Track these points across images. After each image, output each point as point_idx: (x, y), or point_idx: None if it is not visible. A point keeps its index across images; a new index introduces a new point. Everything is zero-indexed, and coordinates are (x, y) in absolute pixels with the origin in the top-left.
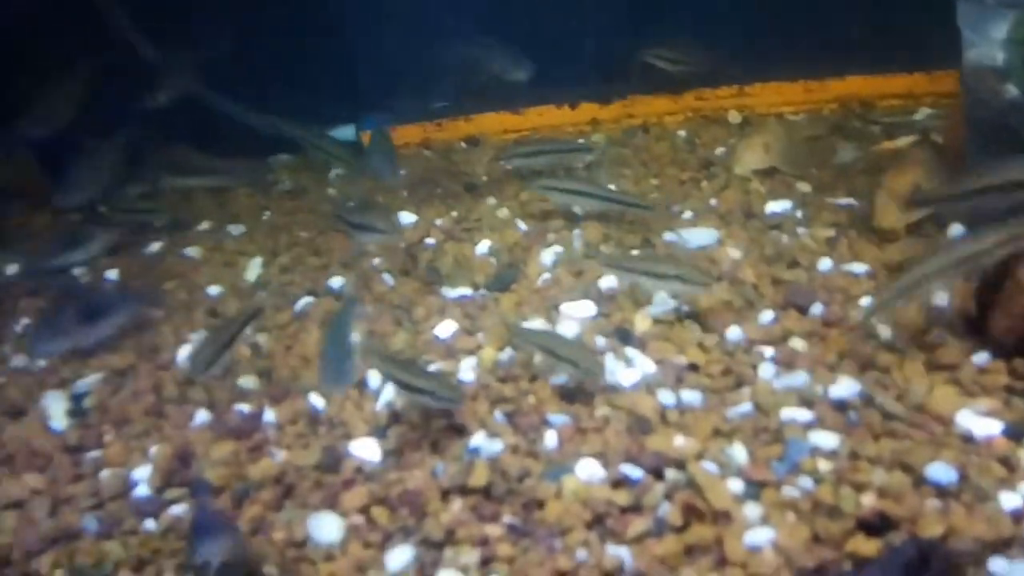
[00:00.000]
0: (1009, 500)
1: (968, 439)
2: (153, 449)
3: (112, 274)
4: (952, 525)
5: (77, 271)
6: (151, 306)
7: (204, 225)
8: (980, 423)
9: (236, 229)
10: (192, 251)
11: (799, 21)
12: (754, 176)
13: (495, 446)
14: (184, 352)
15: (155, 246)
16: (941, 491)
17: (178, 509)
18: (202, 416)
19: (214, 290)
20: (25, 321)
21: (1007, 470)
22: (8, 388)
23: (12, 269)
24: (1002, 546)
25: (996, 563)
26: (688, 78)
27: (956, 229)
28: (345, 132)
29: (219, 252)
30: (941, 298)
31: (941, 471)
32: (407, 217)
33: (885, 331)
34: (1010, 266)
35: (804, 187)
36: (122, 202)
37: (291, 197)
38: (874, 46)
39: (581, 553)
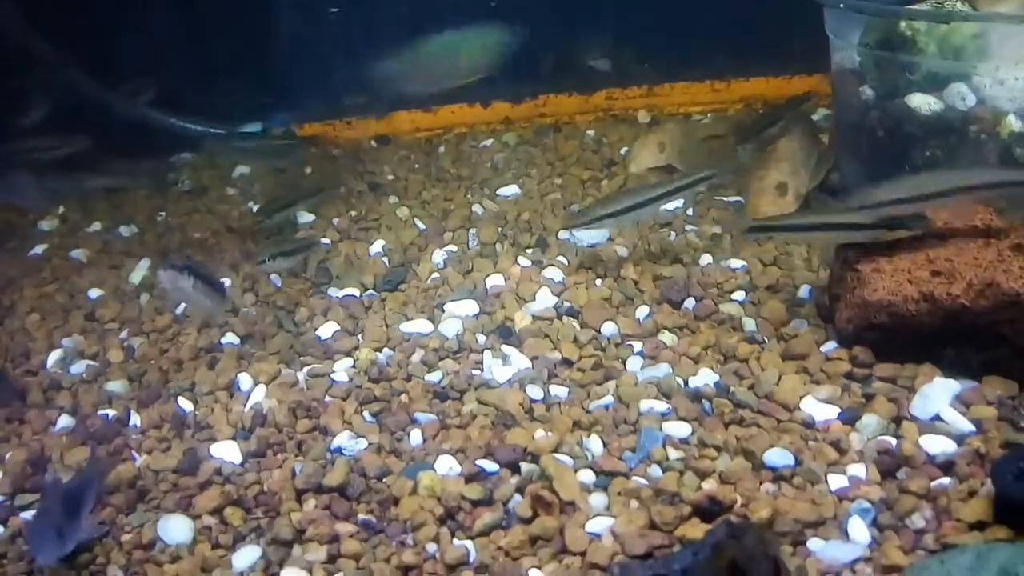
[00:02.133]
0: (837, 482)
1: (809, 425)
2: (8, 455)
3: None
4: (779, 507)
5: None
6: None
7: (95, 226)
8: (820, 409)
9: (128, 230)
10: (78, 253)
11: (708, 24)
12: (650, 175)
13: (359, 445)
14: (55, 357)
15: (39, 248)
16: (777, 475)
17: (28, 515)
18: (64, 421)
19: (95, 293)
20: None
21: (839, 453)
22: None
23: None
24: (821, 526)
25: (814, 542)
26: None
27: None
28: (252, 129)
29: (106, 254)
30: (804, 290)
31: (779, 456)
32: (305, 217)
33: (750, 323)
34: (850, 261)
35: (698, 186)
36: None
37: (190, 197)
38: (777, 50)
39: (430, 547)
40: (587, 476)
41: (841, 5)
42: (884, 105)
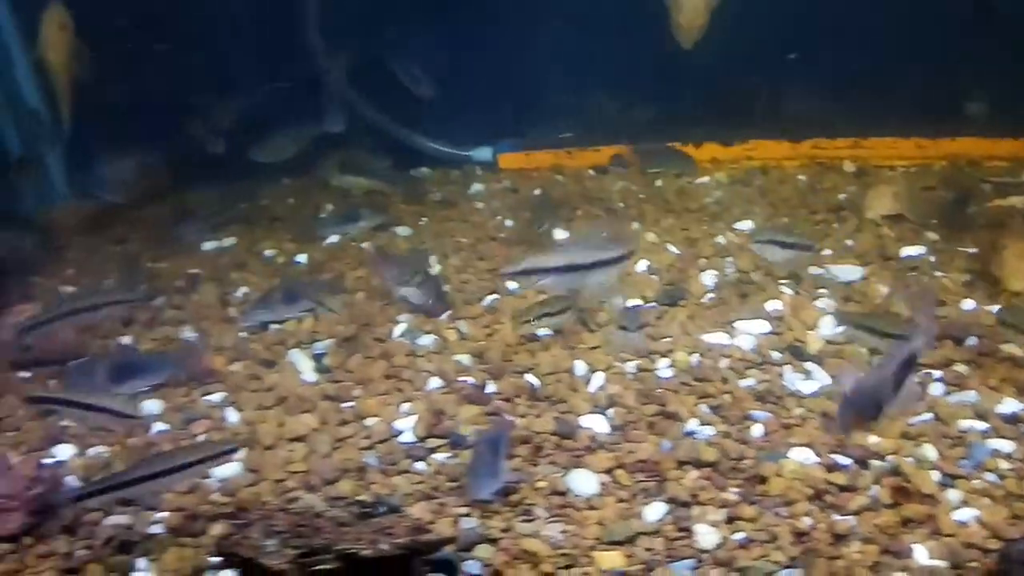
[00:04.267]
0: None
1: None
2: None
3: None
4: None
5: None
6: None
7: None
8: None
9: (403, 230)
10: (367, 245)
11: (914, 81)
12: (883, 222)
13: (708, 431)
14: (398, 330)
15: (334, 238)
16: None
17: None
18: (436, 382)
19: None
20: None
21: None
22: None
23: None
24: None
25: None
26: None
27: None
28: (482, 153)
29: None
30: None
31: None
32: (559, 234)
33: None
34: None
35: (932, 235)
36: None
37: (443, 207)
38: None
39: (807, 520)
40: (935, 476)
41: None
42: None
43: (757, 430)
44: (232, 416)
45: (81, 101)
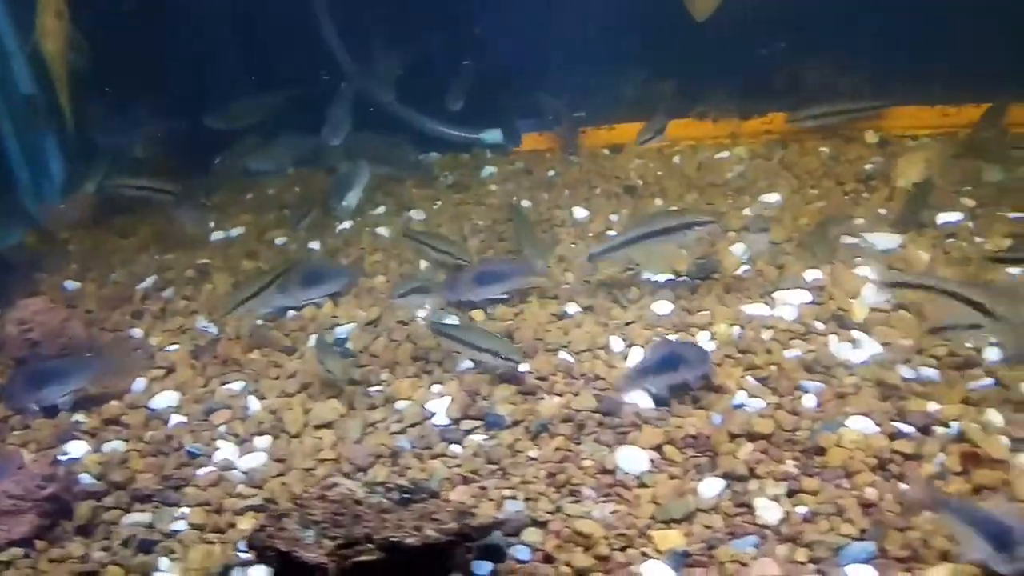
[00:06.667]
0: None
1: None
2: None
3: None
4: None
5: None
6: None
7: (380, 209)
8: None
9: (417, 214)
10: (382, 231)
11: (940, 49)
12: (916, 189)
13: (758, 403)
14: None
15: (347, 224)
16: None
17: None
18: (465, 363)
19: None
20: None
21: None
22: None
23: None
24: None
25: None
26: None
27: None
28: (493, 135)
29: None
30: None
31: None
32: (579, 212)
33: None
34: None
35: (968, 201)
36: None
37: (456, 190)
38: (1014, 76)
39: (870, 492)
40: (1003, 440)
41: None
42: None
43: (809, 400)
44: (254, 404)
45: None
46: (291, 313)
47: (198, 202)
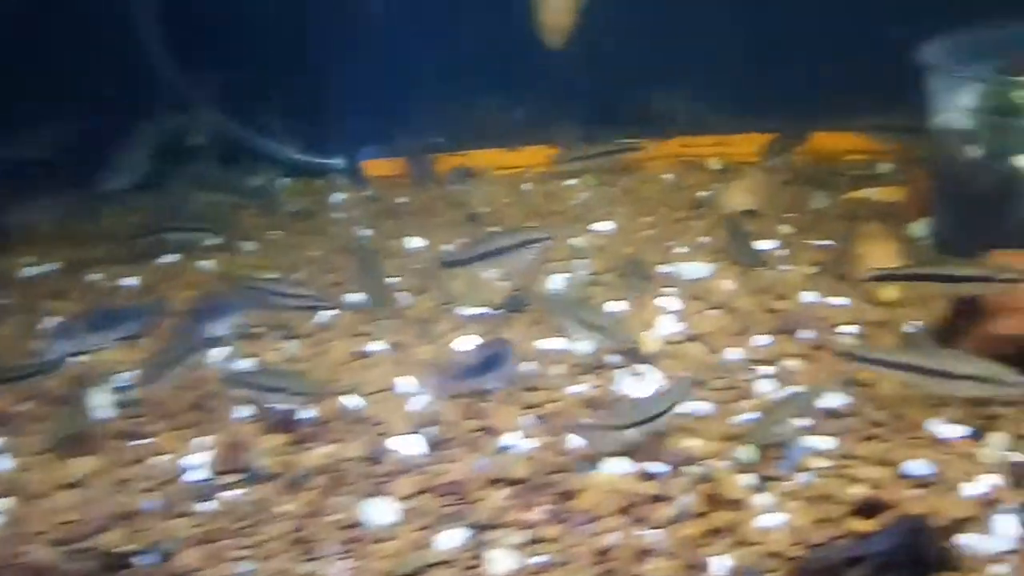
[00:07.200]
0: (974, 488)
1: (940, 441)
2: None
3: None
4: (931, 506)
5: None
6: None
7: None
8: (948, 428)
9: (250, 245)
10: (208, 263)
11: (778, 79)
12: (741, 217)
13: (527, 444)
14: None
15: (173, 257)
16: (918, 482)
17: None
18: (245, 411)
19: None
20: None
21: (972, 465)
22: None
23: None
24: (967, 523)
25: (966, 537)
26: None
27: None
28: (342, 161)
29: (235, 266)
30: (910, 326)
31: (917, 466)
32: (415, 242)
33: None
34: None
35: (787, 228)
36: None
37: (299, 218)
38: (839, 106)
39: (614, 536)
40: (748, 479)
41: (963, 74)
42: (992, 164)
43: (577, 440)
44: (5, 463)
45: None
46: (77, 359)
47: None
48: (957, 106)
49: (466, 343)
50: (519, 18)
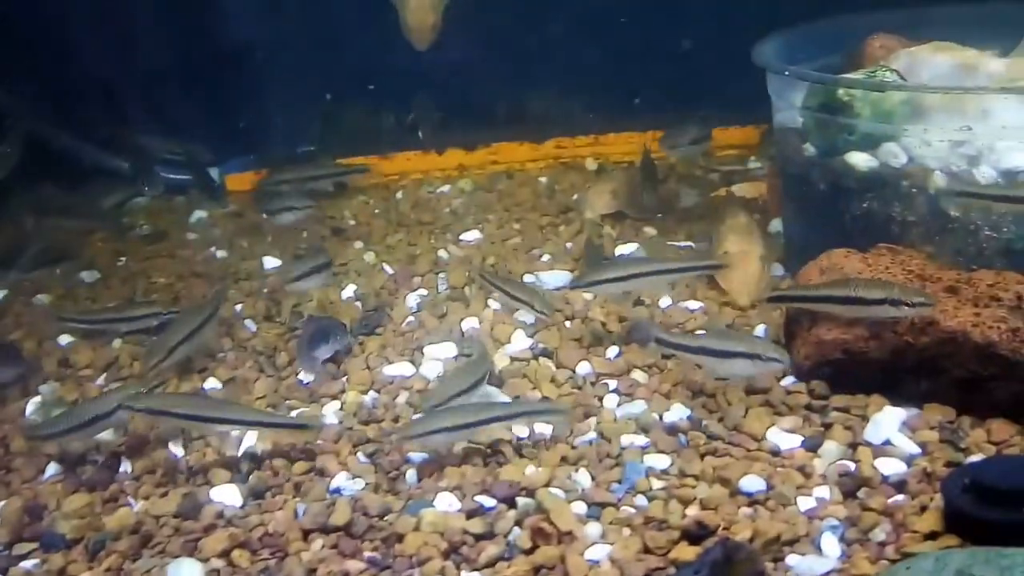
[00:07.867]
0: (806, 503)
1: (776, 453)
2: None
3: None
4: (758, 528)
5: None
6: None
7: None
8: (785, 438)
9: (90, 275)
10: (42, 298)
11: (651, 77)
12: (604, 221)
13: (357, 485)
14: (33, 404)
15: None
16: (752, 500)
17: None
18: (53, 468)
19: (64, 339)
20: None
21: (805, 477)
22: None
23: None
24: (796, 543)
25: (791, 558)
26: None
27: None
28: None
29: (70, 299)
30: (760, 330)
31: (752, 482)
32: (271, 262)
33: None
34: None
35: (650, 230)
36: None
37: (149, 241)
38: (713, 102)
39: None
40: (580, 508)
41: (786, 73)
42: (825, 162)
43: (411, 477)
44: None
45: None
46: None
47: None
48: (792, 104)
49: (306, 375)
50: (391, 23)
